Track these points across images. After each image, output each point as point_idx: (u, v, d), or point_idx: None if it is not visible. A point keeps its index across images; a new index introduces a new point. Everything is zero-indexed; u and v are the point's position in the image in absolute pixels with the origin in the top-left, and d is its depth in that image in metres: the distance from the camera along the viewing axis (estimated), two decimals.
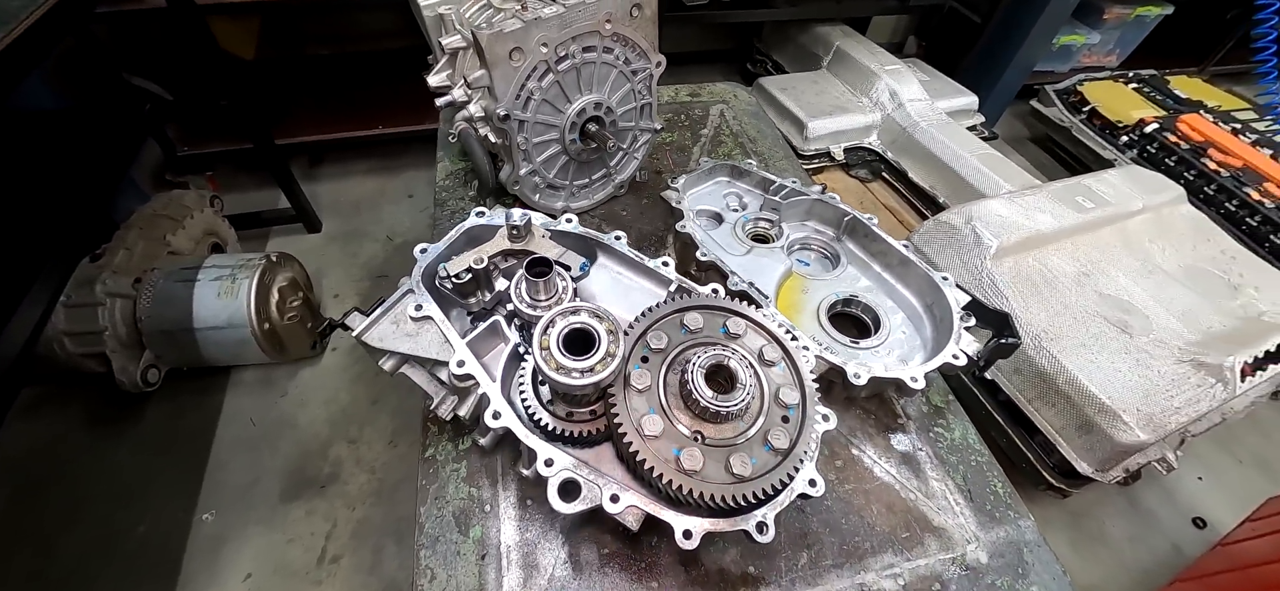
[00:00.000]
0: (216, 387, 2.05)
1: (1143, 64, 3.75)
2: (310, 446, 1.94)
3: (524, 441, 0.71)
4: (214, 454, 1.90)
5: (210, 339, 1.84)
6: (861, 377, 0.89)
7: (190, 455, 1.89)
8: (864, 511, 0.91)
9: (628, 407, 0.69)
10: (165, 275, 1.85)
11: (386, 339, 0.80)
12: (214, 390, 2.04)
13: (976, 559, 0.88)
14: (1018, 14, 3.12)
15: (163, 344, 1.85)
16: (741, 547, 0.86)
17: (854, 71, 2.92)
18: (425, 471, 0.91)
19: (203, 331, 1.82)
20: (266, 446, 1.93)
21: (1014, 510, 0.94)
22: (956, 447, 1.01)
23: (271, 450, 1.92)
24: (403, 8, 2.67)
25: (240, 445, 1.93)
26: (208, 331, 1.83)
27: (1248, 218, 2.65)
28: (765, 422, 0.71)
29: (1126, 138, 3.12)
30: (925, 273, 1.07)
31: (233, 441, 1.94)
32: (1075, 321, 1.77)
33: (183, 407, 2.00)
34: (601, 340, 0.67)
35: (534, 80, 1.08)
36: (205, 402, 2.02)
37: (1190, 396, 1.60)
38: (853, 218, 1.19)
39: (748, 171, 1.31)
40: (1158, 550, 1.92)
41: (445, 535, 0.84)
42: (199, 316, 1.81)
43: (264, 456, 1.91)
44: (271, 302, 1.90)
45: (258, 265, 1.88)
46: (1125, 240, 2.07)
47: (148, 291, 1.81)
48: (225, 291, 1.82)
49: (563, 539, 0.85)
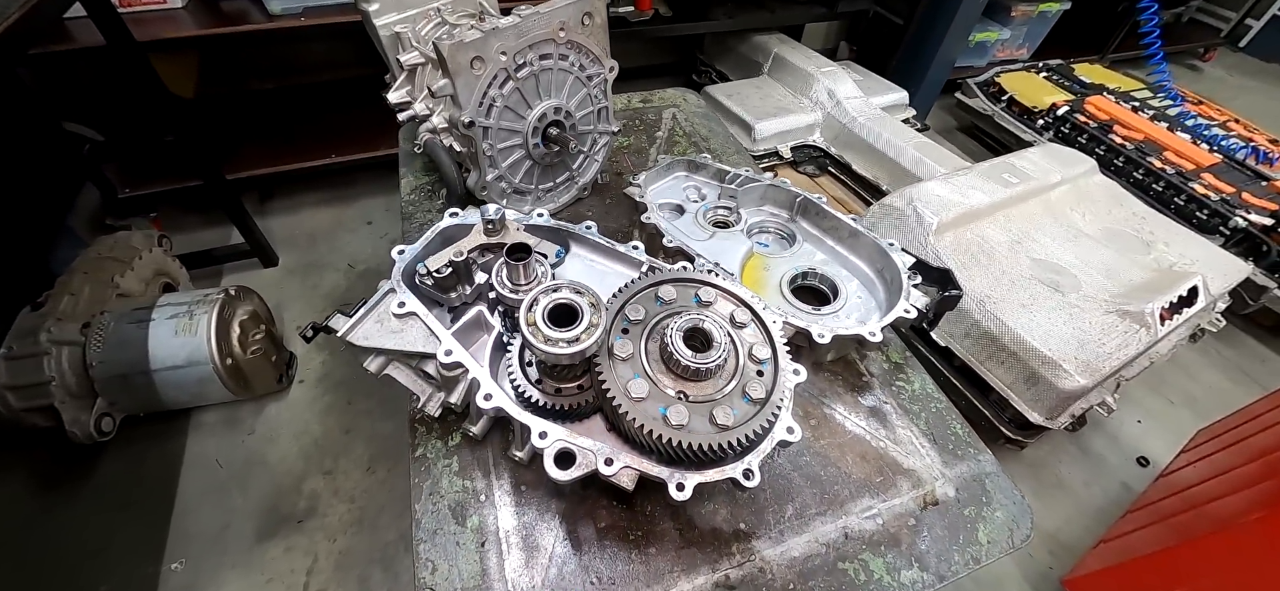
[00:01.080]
0: (176, 432, 1.95)
1: (1051, 55, 4.13)
2: (283, 482, 1.86)
3: (516, 418, 0.73)
4: (179, 501, 1.80)
5: (169, 380, 1.76)
6: (825, 337, 0.97)
7: (153, 505, 1.78)
8: (840, 462, 0.98)
9: (614, 375, 0.73)
10: (117, 317, 1.76)
11: (372, 337, 0.81)
12: (173, 434, 1.94)
13: (945, 493, 0.95)
14: (935, 15, 3.40)
15: (117, 389, 1.76)
16: (732, 506, 0.90)
17: (793, 75, 3.10)
18: (417, 470, 0.92)
19: (161, 372, 1.74)
20: (236, 487, 1.84)
21: (973, 447, 1.03)
22: (917, 397, 1.09)
23: (242, 490, 1.84)
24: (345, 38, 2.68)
25: (208, 489, 1.83)
26: (166, 372, 1.74)
27: (1153, 184, 2.94)
28: (742, 378, 0.77)
29: (1042, 121, 3.42)
30: (873, 241, 1.16)
31: (199, 486, 1.84)
32: (1013, 285, 1.93)
33: (141, 456, 1.89)
34: (584, 312, 0.71)
35: (495, 88, 1.13)
36: (166, 449, 1.91)
37: (1119, 342, 1.77)
38: (804, 198, 1.28)
39: (704, 165, 1.39)
40: (1109, 490, 2.08)
41: (443, 527, 0.85)
42: (156, 357, 1.73)
43: (234, 498, 1.82)
44: (233, 337, 1.84)
45: (216, 299, 1.82)
46: (1049, 210, 2.27)
47: (98, 335, 1.72)
48: (183, 329, 1.75)
49: (560, 518, 0.87)
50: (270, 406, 2.05)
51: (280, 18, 2.28)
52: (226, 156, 2.66)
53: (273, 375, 2.02)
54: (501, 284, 0.83)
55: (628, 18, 3.01)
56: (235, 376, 1.86)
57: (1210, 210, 2.75)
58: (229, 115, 2.92)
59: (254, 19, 2.28)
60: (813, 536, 0.88)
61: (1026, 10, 3.97)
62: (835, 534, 0.89)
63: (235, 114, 2.95)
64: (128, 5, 2.18)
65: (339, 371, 2.17)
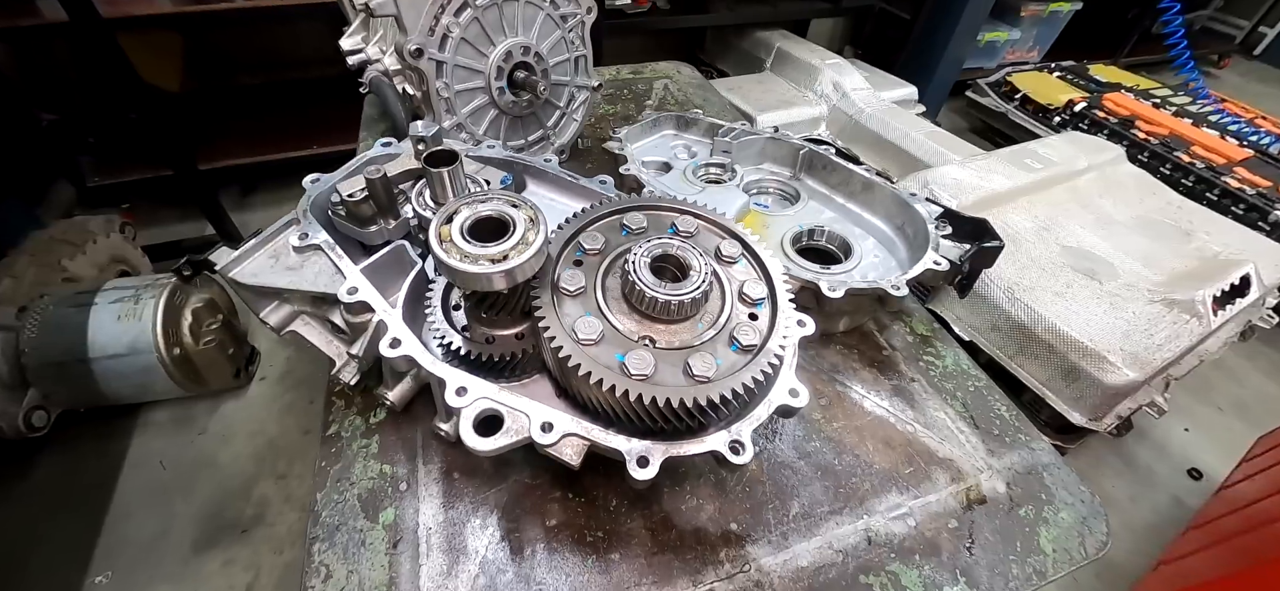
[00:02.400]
0: (121, 431, 1.77)
1: (1062, 58, 4.00)
2: (231, 486, 1.67)
3: (428, 370, 0.55)
4: (115, 505, 1.61)
5: (109, 369, 1.58)
6: (837, 290, 0.78)
7: (87, 509, 1.60)
8: (858, 449, 0.78)
9: (557, 312, 0.55)
10: (57, 301, 1.60)
11: (262, 274, 0.64)
12: (118, 434, 1.76)
13: (993, 489, 0.75)
14: (942, 10, 3.28)
15: (51, 379, 1.59)
16: (720, 500, 0.71)
17: (797, 68, 2.97)
18: (326, 452, 0.73)
19: (100, 361, 1.57)
20: (179, 491, 1.65)
21: (1024, 433, 0.83)
22: (950, 374, 0.90)
23: (185, 495, 1.65)
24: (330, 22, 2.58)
25: (148, 492, 1.65)
26: (106, 361, 1.57)
27: (1182, 178, 2.75)
28: (730, 321, 0.59)
29: (1059, 118, 3.26)
30: (892, 192, 0.99)
31: (139, 489, 1.65)
32: (1043, 272, 1.73)
33: (81, 456, 1.71)
34: (517, 225, 0.53)
35: (450, 15, 0.97)
36: (108, 448, 1.73)
37: (1169, 333, 1.56)
38: (809, 150, 1.11)
39: (695, 120, 1.23)
40: (1160, 505, 1.84)
41: (348, 523, 0.66)
42: (95, 343, 1.56)
43: (175, 503, 1.63)
44: (183, 325, 1.67)
45: (167, 283, 1.66)
46: (1077, 197, 2.09)
47: (33, 320, 1.56)
48: (127, 314, 1.59)
49: (499, 514, 0.68)
50: (226, 404, 1.87)
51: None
52: (204, 146, 2.55)
53: (229, 369, 1.85)
54: (423, 206, 0.65)
55: (625, 10, 2.91)
56: (184, 368, 1.69)
57: (1247, 204, 2.56)
58: (213, 108, 2.82)
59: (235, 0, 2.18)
60: (825, 541, 0.69)
61: (1036, 10, 3.85)
62: (855, 538, 0.69)
63: (220, 106, 2.85)
64: None
65: (303, 368, 1.99)
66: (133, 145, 2.43)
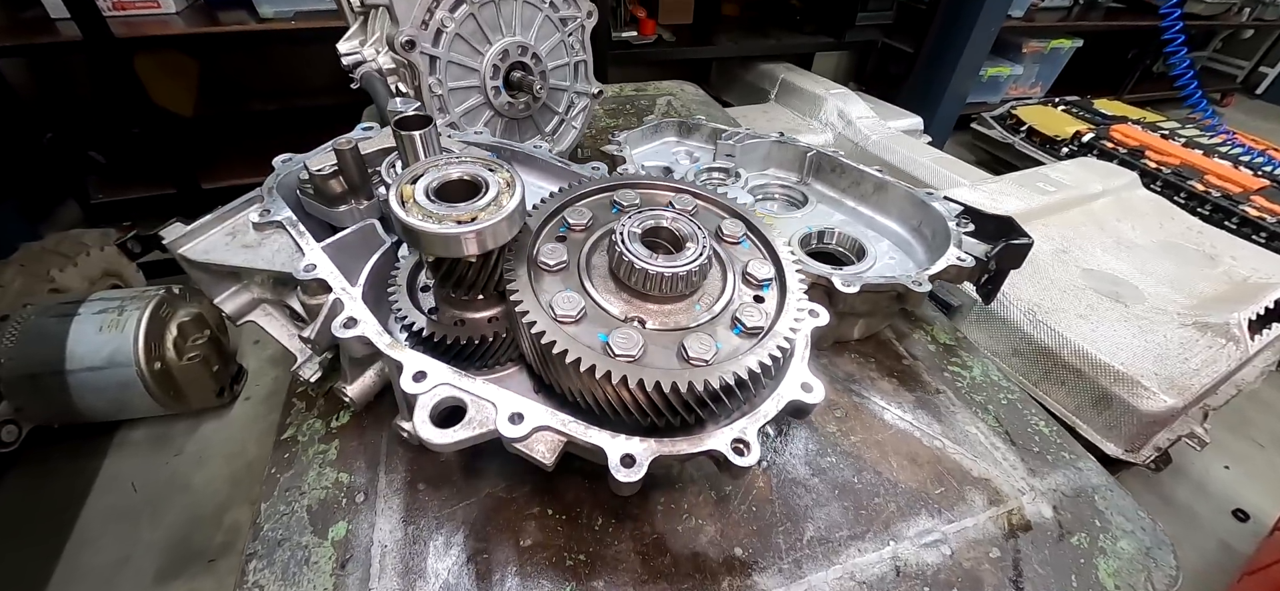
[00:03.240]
0: (96, 450, 1.68)
1: (1064, 94, 4.01)
2: (203, 511, 1.56)
3: (385, 352, 0.48)
4: (79, 529, 1.51)
5: (85, 383, 1.51)
6: (853, 285, 0.71)
7: (48, 533, 1.49)
8: (880, 465, 0.69)
9: (532, 287, 0.48)
10: (40, 310, 1.55)
11: (214, 251, 0.58)
12: (92, 453, 1.67)
13: (1038, 513, 0.65)
14: (945, 45, 3.31)
15: (25, 392, 1.51)
16: (722, 522, 0.62)
17: (802, 98, 2.98)
18: (278, 458, 0.65)
19: (77, 373, 1.50)
20: (147, 515, 1.55)
21: (1067, 449, 0.73)
22: (979, 386, 0.81)
23: (153, 520, 1.54)
24: None
25: (114, 516, 1.54)
26: (84, 373, 1.50)
27: (1198, 206, 2.69)
28: (731, 302, 0.51)
29: (1067, 149, 3.23)
30: (907, 192, 0.92)
31: (105, 512, 1.55)
32: (1064, 294, 1.65)
33: (49, 475, 1.62)
34: (489, 186, 0.47)
35: (444, 10, 0.95)
36: (80, 467, 1.64)
37: (1205, 357, 1.46)
38: (817, 153, 1.06)
39: (697, 126, 1.19)
40: (1206, 550, 1.69)
41: (293, 537, 0.57)
42: (74, 354, 1.49)
43: (142, 528, 1.52)
44: (167, 339, 1.61)
45: (154, 296, 1.60)
46: (1094, 220, 2.02)
47: (13, 329, 1.50)
48: (109, 325, 1.53)
49: (465, 531, 0.59)
50: (207, 424, 1.79)
51: (271, 21, 2.22)
52: (209, 166, 2.55)
53: (212, 387, 1.77)
54: (394, 177, 0.59)
55: (630, 42, 2.95)
56: (164, 384, 1.62)
57: (1269, 231, 2.48)
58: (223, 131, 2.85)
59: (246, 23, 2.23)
60: (846, 571, 0.59)
61: (1037, 47, 3.90)
62: (881, 567, 0.59)
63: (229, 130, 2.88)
64: (120, 8, 2.14)
65: None
66: (137, 164, 2.44)
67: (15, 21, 2.13)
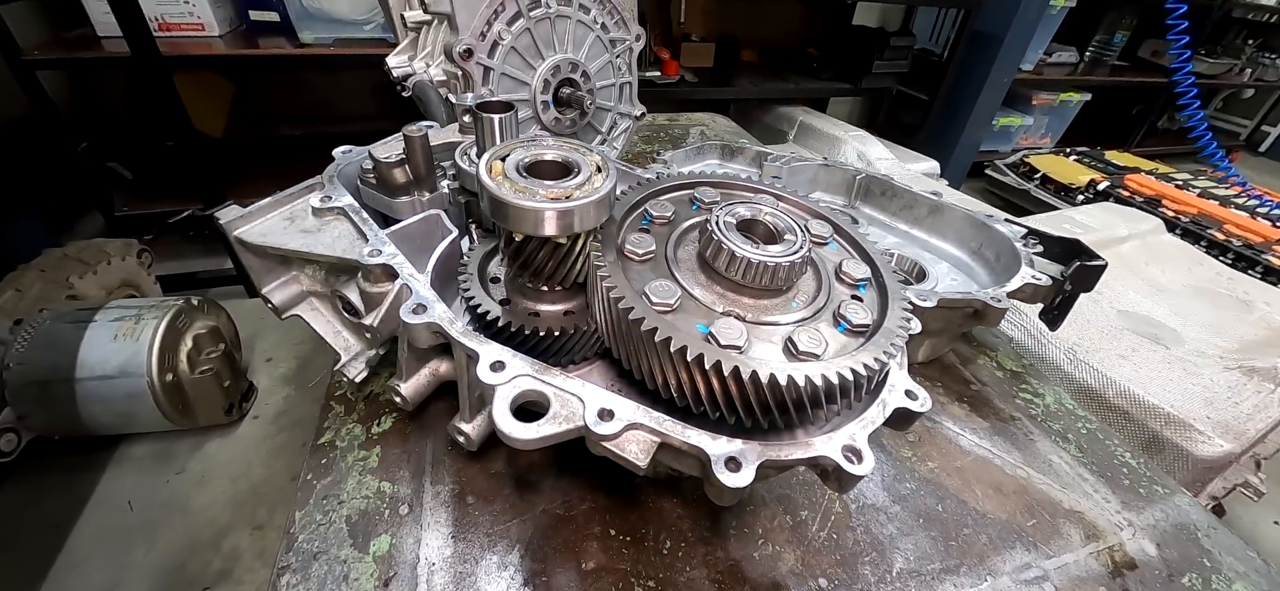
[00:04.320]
0: (95, 464, 1.60)
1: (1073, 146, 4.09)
2: (201, 535, 1.47)
3: (459, 340, 0.44)
4: (68, 550, 1.42)
5: (93, 393, 1.46)
6: (929, 300, 0.67)
7: (36, 552, 1.40)
8: (963, 494, 0.64)
9: (624, 276, 0.45)
10: (56, 316, 1.51)
11: (272, 234, 0.55)
12: (91, 467, 1.59)
13: (1141, 550, 0.60)
14: (959, 95, 3.39)
15: (31, 399, 1.46)
16: (801, 549, 0.56)
17: (820, 140, 3.02)
18: (314, 464, 0.60)
19: (87, 381, 1.44)
20: (141, 538, 1.46)
21: (1160, 484, 0.68)
22: (1055, 414, 0.76)
23: (147, 543, 1.45)
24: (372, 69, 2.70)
25: (108, 537, 1.45)
26: (93, 382, 1.45)
27: (1221, 255, 2.67)
28: (830, 300, 0.48)
29: (1083, 196, 3.25)
30: (966, 214, 0.90)
31: (98, 532, 1.46)
32: (1102, 335, 1.61)
33: (44, 489, 1.53)
34: (582, 168, 0.44)
35: (502, 23, 0.96)
36: (76, 482, 1.56)
37: (1255, 402, 1.40)
38: (866, 176, 1.05)
39: (742, 149, 1.19)
40: None
41: (329, 551, 0.52)
42: (85, 362, 1.44)
43: (135, 551, 1.43)
44: (181, 351, 1.56)
45: (172, 306, 1.57)
46: (1124, 262, 2.00)
47: (26, 334, 1.46)
48: (125, 334, 1.49)
49: (521, 550, 0.54)
50: (211, 442, 1.72)
51: (310, 46, 2.28)
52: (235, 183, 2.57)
53: (221, 403, 1.71)
54: (469, 162, 0.57)
55: (655, 81, 3.03)
56: (173, 398, 1.56)
57: None
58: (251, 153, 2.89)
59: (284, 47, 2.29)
60: None
61: (1047, 100, 3.99)
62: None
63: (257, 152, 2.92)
64: (166, 29, 2.21)
65: (301, 408, 1.85)
66: (164, 178, 2.46)
67: (60, 39, 2.19)
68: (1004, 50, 3.16)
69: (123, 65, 2.03)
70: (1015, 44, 3.18)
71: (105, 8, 1.94)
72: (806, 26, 3.62)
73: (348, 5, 2.29)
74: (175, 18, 2.17)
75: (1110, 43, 4.36)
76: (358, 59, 2.31)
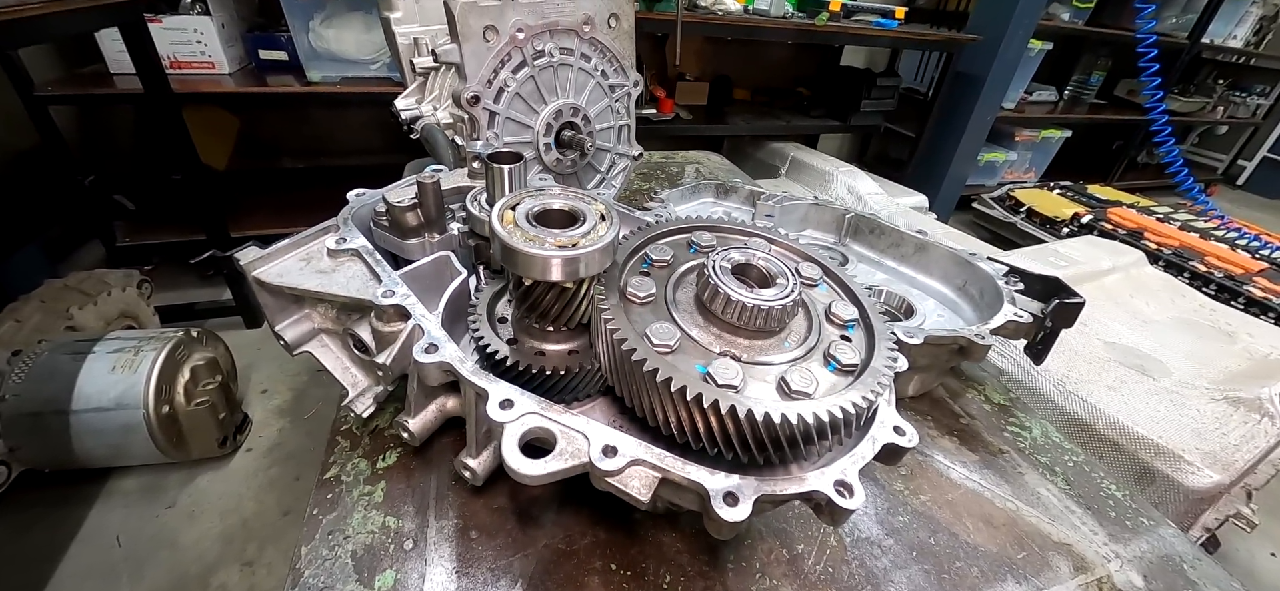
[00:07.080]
0: (84, 497, 1.58)
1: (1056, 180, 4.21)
2: (188, 572, 1.45)
3: (469, 378, 0.47)
4: (53, 587, 1.39)
5: (87, 425, 1.45)
6: (916, 336, 0.70)
7: (19, 590, 1.38)
8: (954, 527, 0.65)
9: (627, 318, 0.48)
10: (54, 347, 1.52)
11: (288, 275, 0.57)
12: (79, 500, 1.57)
13: (1128, 581, 0.61)
14: (945, 131, 3.51)
15: (24, 431, 1.45)
16: (798, 584, 0.57)
17: (811, 175, 3.11)
18: (320, 499, 0.61)
19: (82, 414, 1.44)
20: (128, 574, 1.43)
21: (1145, 516, 0.70)
22: (1042, 447, 0.79)
23: (133, 579, 1.42)
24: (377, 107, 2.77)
25: (92, 574, 1.42)
26: (88, 414, 1.44)
27: (1202, 287, 2.74)
28: (820, 340, 0.51)
29: (1067, 230, 3.34)
30: (950, 251, 0.94)
31: (83, 569, 1.43)
32: (1090, 366, 1.64)
33: (29, 524, 1.51)
34: (588, 216, 0.48)
35: (508, 71, 1.01)
36: (63, 516, 1.53)
37: (1243, 432, 1.43)
38: (855, 215, 1.09)
39: (735, 188, 1.23)
40: None
41: (336, 585, 0.53)
42: (82, 394, 1.44)
43: (122, 588, 1.41)
44: (179, 383, 1.57)
45: (172, 337, 1.58)
46: (1107, 295, 2.06)
47: (23, 365, 1.46)
48: (123, 365, 1.49)
49: (523, 585, 0.55)
50: (203, 476, 1.70)
51: (317, 84, 2.35)
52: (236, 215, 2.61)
53: (215, 436, 1.70)
54: (479, 208, 0.61)
55: (651, 119, 3.13)
56: (168, 430, 1.56)
57: (1277, 312, 2.51)
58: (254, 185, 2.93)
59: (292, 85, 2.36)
60: None
61: (1030, 136, 4.13)
62: None
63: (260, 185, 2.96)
64: (177, 67, 2.27)
65: (294, 441, 1.84)
66: (166, 210, 2.49)
67: (73, 75, 2.25)
68: (986, 90, 3.29)
69: (134, 101, 2.08)
70: (997, 84, 3.32)
71: (120, 46, 2.00)
72: (796, 67, 3.76)
73: (355, 46, 2.37)
74: (187, 56, 2.24)
75: (1088, 82, 4.55)
76: (364, 97, 2.38)
